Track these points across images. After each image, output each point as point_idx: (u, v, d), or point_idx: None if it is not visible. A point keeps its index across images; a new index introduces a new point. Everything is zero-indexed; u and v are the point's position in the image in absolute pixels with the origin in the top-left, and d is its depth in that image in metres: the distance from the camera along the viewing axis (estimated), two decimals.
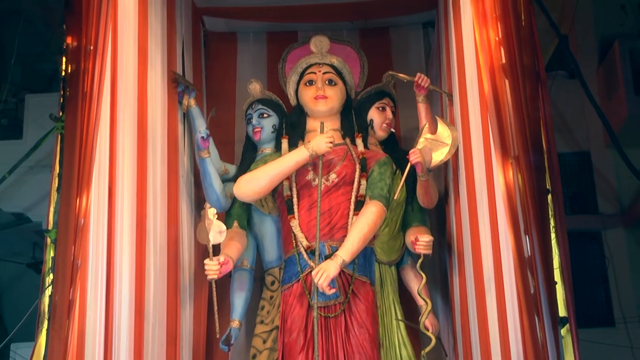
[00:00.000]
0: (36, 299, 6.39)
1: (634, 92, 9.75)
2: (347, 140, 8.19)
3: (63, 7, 6.78)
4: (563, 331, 5.88)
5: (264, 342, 8.09)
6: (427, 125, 7.82)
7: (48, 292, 6.16)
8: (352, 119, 8.28)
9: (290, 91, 8.46)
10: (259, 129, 8.40)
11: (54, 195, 6.43)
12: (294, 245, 7.90)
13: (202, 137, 7.96)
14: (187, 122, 8.22)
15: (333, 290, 7.46)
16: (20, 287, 10.89)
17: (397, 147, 8.32)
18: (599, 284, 9.87)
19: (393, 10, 9.07)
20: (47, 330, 6.04)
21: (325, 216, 7.89)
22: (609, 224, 10.09)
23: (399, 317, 7.99)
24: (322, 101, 8.30)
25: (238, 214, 8.26)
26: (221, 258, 7.65)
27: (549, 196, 6.15)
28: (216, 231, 7.66)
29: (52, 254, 6.25)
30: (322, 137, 7.95)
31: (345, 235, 7.76)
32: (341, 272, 7.65)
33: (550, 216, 6.06)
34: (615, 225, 10.09)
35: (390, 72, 8.37)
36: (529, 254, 5.90)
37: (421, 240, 7.79)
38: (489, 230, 6.72)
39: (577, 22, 10.43)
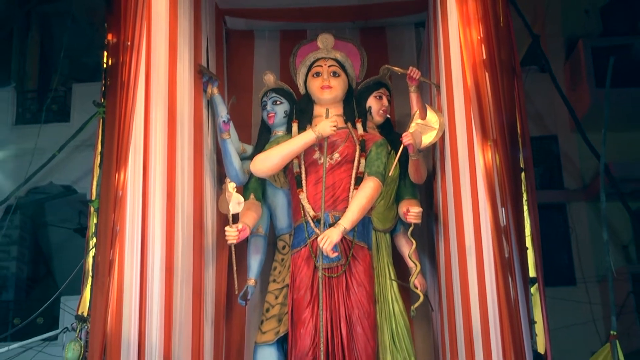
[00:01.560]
0: (81, 259, 6.47)
1: (595, 84, 9.80)
2: (349, 124, 8.21)
3: (105, 9, 6.84)
4: (532, 289, 5.94)
5: (276, 297, 8.16)
6: (418, 112, 7.83)
7: (92, 253, 6.24)
8: (353, 106, 8.30)
9: (300, 82, 8.47)
10: (273, 114, 8.44)
11: (97, 171, 6.48)
12: (302, 214, 7.96)
13: (224, 121, 8.01)
14: (211, 108, 8.23)
15: (336, 254, 7.52)
16: (68, 248, 10.96)
17: (392, 130, 8.33)
18: (563, 249, 9.93)
19: (389, 12, 9.04)
20: (91, 285, 6.13)
21: (329, 190, 7.94)
22: (573, 198, 10.13)
23: (392, 277, 8.04)
24: (327, 90, 8.33)
25: (254, 187, 8.31)
26: (239, 225, 7.72)
27: (523, 174, 6.19)
28: (235, 202, 7.71)
29: (95, 221, 6.34)
30: (327, 122, 7.99)
31: (346, 207, 7.81)
32: (343, 238, 7.70)
33: (523, 191, 6.11)
34: (578, 199, 10.13)
35: (386, 66, 8.38)
36: (505, 223, 5.95)
37: (412, 211, 7.84)
38: (470, 203, 6.77)
39: (548, 24, 10.44)
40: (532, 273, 5.95)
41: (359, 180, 7.97)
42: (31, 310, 9.16)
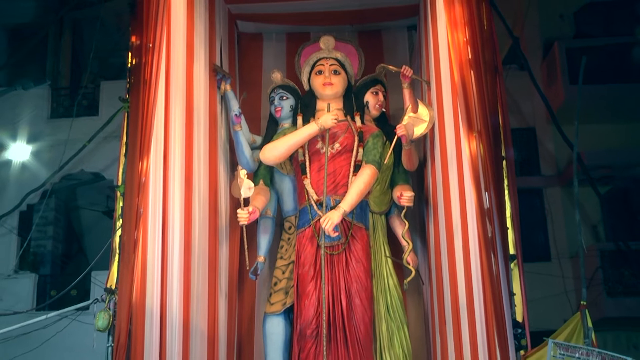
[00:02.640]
0: (109, 238, 6.47)
1: (569, 82, 9.77)
2: (348, 117, 8.17)
3: (129, 14, 6.80)
4: (512, 265, 5.92)
5: (283, 272, 8.15)
6: (410, 106, 7.79)
7: (118, 233, 6.23)
8: (352, 101, 8.25)
9: (304, 79, 8.43)
10: (280, 109, 8.40)
11: (122, 159, 6.47)
12: (307, 198, 7.93)
13: (236, 115, 7.98)
14: (224, 103, 8.19)
15: (336, 234, 7.49)
16: (97, 229, 10.97)
17: (387, 123, 8.29)
18: (540, 229, 9.91)
19: (384, 17, 8.94)
20: (118, 261, 6.13)
21: (330, 176, 7.90)
22: (549, 183, 10.11)
23: (387, 254, 8.03)
24: (328, 87, 8.28)
25: (263, 174, 8.28)
26: (250, 208, 7.69)
27: (504, 162, 6.16)
28: (246, 187, 7.68)
29: (121, 204, 6.33)
30: (328, 115, 7.94)
31: (346, 191, 7.78)
32: (343, 220, 7.68)
33: (504, 177, 6.08)
34: (553, 184, 10.12)
35: (381, 65, 8.32)
36: (488, 206, 5.93)
37: (405, 195, 7.82)
38: (457, 188, 6.74)
39: (526, 27, 10.39)
40: (512, 250, 5.94)
41: (357, 168, 7.95)
42: (66, 283, 9.16)
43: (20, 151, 10.17)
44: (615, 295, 9.53)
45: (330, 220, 7.53)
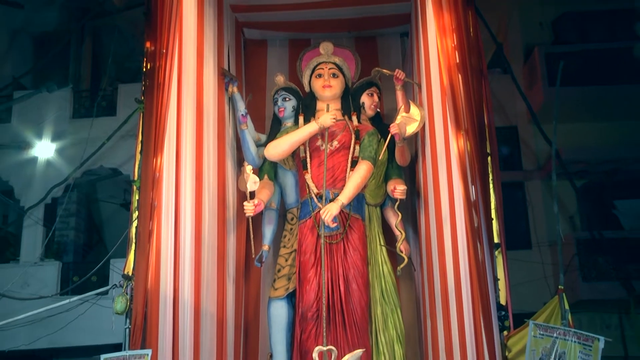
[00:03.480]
0: (126, 228, 6.43)
1: (548, 84, 9.73)
2: (346, 117, 8.12)
3: (144, 22, 6.75)
4: (496, 253, 5.90)
5: (286, 260, 8.11)
6: (403, 107, 7.75)
7: (134, 224, 6.20)
8: (349, 101, 8.19)
9: (305, 82, 8.37)
10: (283, 109, 8.35)
11: (138, 156, 6.43)
12: (307, 192, 7.88)
13: (242, 115, 7.94)
14: (231, 104, 8.14)
15: (335, 224, 7.45)
16: (116, 220, 10.94)
17: (381, 122, 8.25)
18: (522, 219, 9.89)
19: (378, 24, 8.90)
20: (134, 250, 6.10)
21: (329, 171, 7.86)
22: (529, 177, 10.09)
23: (382, 243, 7.98)
24: (328, 89, 8.24)
25: (268, 169, 8.24)
26: (255, 201, 7.65)
27: (489, 157, 6.13)
28: (252, 182, 7.63)
29: (137, 197, 6.29)
30: (327, 115, 7.89)
31: (344, 185, 7.74)
32: (341, 211, 7.63)
33: (489, 171, 6.05)
34: (534, 178, 10.09)
35: (376, 68, 8.27)
36: (474, 198, 5.90)
37: (398, 189, 7.78)
38: (446, 182, 6.71)
39: (509, 34, 10.38)
40: (496, 239, 5.92)
41: (354, 163, 7.90)
42: (87, 270, 9.15)
43: (45, 149, 10.15)
44: (590, 280, 9.51)
45: (329, 212, 7.50)
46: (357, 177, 7.86)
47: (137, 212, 6.18)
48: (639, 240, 9.77)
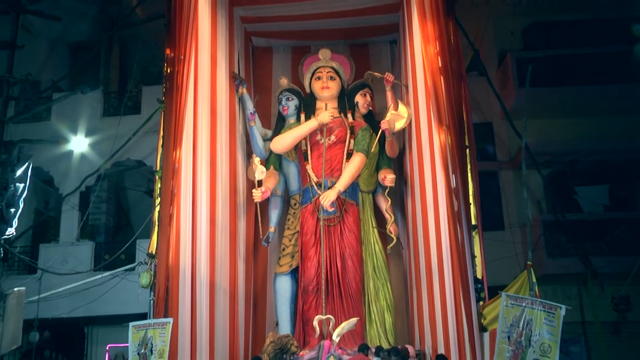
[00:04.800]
0: (150, 213, 6.37)
1: (518, 85, 9.62)
2: (342, 114, 8.06)
3: (165, 32, 6.66)
4: (474, 233, 5.83)
5: (290, 240, 8.06)
6: (392, 105, 7.69)
7: (157, 209, 6.15)
8: (345, 101, 8.15)
9: (306, 83, 8.31)
10: (286, 108, 8.28)
11: (160, 149, 6.36)
12: (308, 180, 7.83)
13: (251, 113, 7.87)
14: (241, 104, 8.07)
15: (332, 209, 7.40)
16: (141, 205, 10.87)
17: (373, 119, 8.18)
18: (496, 204, 9.83)
19: (370, 33, 8.86)
20: (157, 232, 6.04)
21: (327, 162, 7.80)
22: (503, 167, 10.00)
23: (374, 225, 7.93)
24: (326, 90, 8.19)
25: (273, 160, 8.18)
26: (263, 188, 7.59)
27: (467, 150, 6.05)
28: (259, 171, 7.57)
29: (159, 185, 6.23)
30: (326, 113, 7.84)
31: (340, 174, 7.70)
32: (338, 197, 7.59)
33: (467, 162, 5.98)
34: (506, 168, 10.00)
35: (369, 72, 8.23)
36: (454, 185, 5.85)
37: (388, 177, 7.74)
38: (430, 171, 6.65)
39: (485, 42, 10.26)
40: (473, 221, 5.86)
41: (349, 155, 7.86)
42: (116, 249, 9.09)
43: (79, 143, 10.06)
44: (554, 257, 9.44)
45: (327, 198, 7.45)
46: (351, 168, 7.81)
47: (159, 199, 6.14)
48: (595, 221, 9.71)
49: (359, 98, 8.19)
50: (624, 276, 7.37)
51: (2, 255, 7.35)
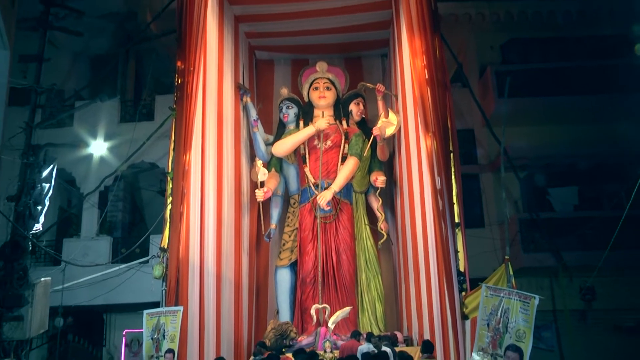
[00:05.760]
0: (162, 210, 6.30)
1: (497, 95, 9.57)
2: (337, 121, 8.05)
3: (176, 46, 6.61)
4: (457, 230, 5.79)
5: (289, 236, 8.03)
6: (383, 113, 7.67)
7: (169, 207, 6.08)
8: (340, 109, 8.15)
9: (304, 93, 8.30)
10: (287, 115, 8.25)
11: (171, 153, 6.30)
12: (306, 181, 7.81)
13: (254, 120, 7.85)
14: (245, 111, 8.04)
15: (328, 207, 7.38)
16: (154, 204, 10.79)
17: (365, 125, 8.17)
18: (477, 203, 9.77)
19: (363, 48, 8.86)
20: (169, 228, 5.99)
21: (324, 165, 7.77)
22: (483, 170, 9.94)
23: (366, 222, 7.90)
24: (323, 99, 8.18)
25: (275, 163, 8.14)
26: (265, 189, 7.57)
27: (451, 154, 6.01)
28: (262, 173, 7.53)
29: (170, 186, 6.17)
30: (323, 120, 7.82)
31: (336, 176, 7.68)
32: (333, 197, 7.57)
33: (452, 165, 5.95)
34: (487, 171, 9.95)
35: (362, 83, 8.21)
36: (440, 186, 5.82)
37: (379, 179, 7.73)
38: (417, 173, 6.62)
39: (467, 55, 10.21)
40: (457, 219, 5.82)
41: (344, 159, 7.86)
42: (131, 243, 9.06)
43: (98, 147, 10.00)
44: (529, 252, 9.39)
45: (324, 198, 7.42)
46: (346, 170, 7.79)
47: (170, 198, 6.09)
48: (566, 219, 9.67)
49: (352, 106, 8.17)
50: (591, 269, 7.34)
51: (30, 248, 7.31)
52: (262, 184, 7.55)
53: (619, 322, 9.14)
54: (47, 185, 7.51)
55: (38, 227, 7.39)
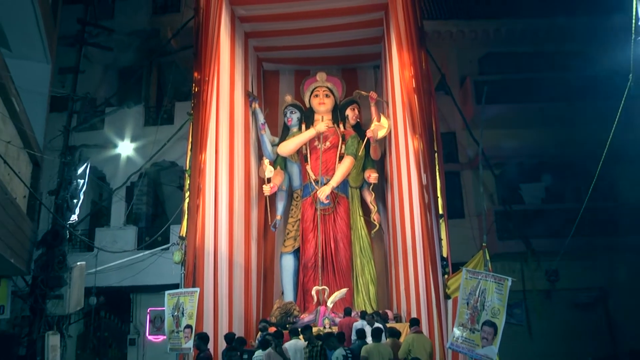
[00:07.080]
0: (180, 204, 6.23)
1: (476, 102, 9.52)
2: (335, 125, 7.99)
3: (193, 59, 6.54)
4: (441, 221, 5.73)
5: (293, 226, 7.98)
6: (375, 118, 7.62)
7: (186, 200, 6.01)
8: (337, 114, 8.09)
9: (306, 100, 8.23)
10: (290, 119, 8.19)
11: (189, 153, 6.23)
12: (308, 178, 7.76)
13: (262, 124, 7.78)
14: (254, 116, 7.96)
15: (327, 201, 7.32)
16: (174, 198, 10.76)
17: (360, 129, 8.10)
18: (457, 197, 9.72)
19: (358, 60, 8.79)
20: (187, 219, 5.92)
21: (324, 164, 7.72)
22: (464, 168, 9.89)
23: (360, 214, 7.84)
24: (322, 105, 8.12)
25: (280, 162, 8.08)
26: (271, 184, 7.51)
27: (436, 154, 5.95)
28: (268, 171, 7.47)
29: (188, 182, 6.10)
30: (322, 123, 7.76)
31: (334, 173, 7.63)
32: (332, 192, 7.52)
33: (436, 164, 5.88)
34: (467, 169, 9.90)
35: (357, 91, 8.15)
36: (425, 182, 5.75)
37: (372, 175, 7.67)
38: (406, 170, 6.57)
39: (449, 67, 10.13)
40: (441, 211, 5.76)
41: (341, 158, 7.81)
42: (154, 232, 8.98)
43: (126, 148, 9.96)
44: (503, 239, 9.35)
45: (323, 192, 7.37)
46: (343, 168, 7.74)
47: (188, 192, 6.04)
48: (535, 211, 9.64)
49: (349, 112, 8.12)
50: (556, 254, 7.31)
51: (68, 236, 7.30)
52: (269, 180, 7.50)
53: (578, 300, 9.24)
54: (82, 181, 7.50)
55: (74, 217, 7.38)
